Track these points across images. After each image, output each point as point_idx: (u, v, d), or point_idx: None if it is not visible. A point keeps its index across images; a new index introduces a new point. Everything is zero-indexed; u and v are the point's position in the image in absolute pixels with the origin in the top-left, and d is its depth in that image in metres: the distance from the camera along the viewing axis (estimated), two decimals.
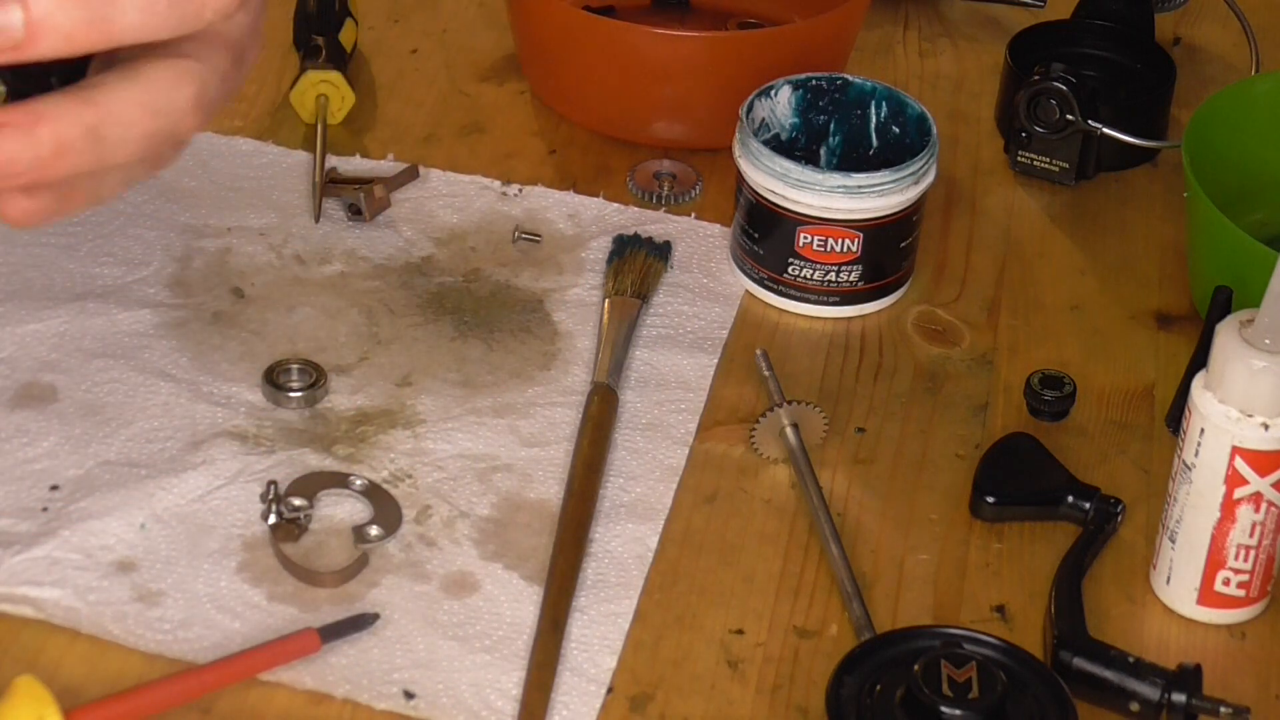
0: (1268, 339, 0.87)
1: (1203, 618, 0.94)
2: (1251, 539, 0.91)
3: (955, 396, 1.06)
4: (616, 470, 1.00)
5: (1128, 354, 1.10)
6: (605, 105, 1.22)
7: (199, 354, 1.04)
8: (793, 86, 1.15)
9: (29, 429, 0.99)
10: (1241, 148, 1.15)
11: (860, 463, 1.02)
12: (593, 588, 0.93)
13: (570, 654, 0.90)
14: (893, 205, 1.09)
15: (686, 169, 1.21)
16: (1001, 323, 1.12)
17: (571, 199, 1.18)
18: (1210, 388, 0.89)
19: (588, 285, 1.11)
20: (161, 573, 0.92)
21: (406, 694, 0.87)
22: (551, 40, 1.23)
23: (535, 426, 1.02)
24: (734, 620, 0.93)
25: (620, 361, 1.05)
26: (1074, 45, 1.28)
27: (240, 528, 0.94)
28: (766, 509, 0.99)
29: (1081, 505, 0.98)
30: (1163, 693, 0.87)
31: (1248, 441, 0.89)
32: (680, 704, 0.89)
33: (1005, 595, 0.95)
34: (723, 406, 1.05)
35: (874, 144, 1.16)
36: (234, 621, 0.90)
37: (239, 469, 0.97)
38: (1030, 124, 1.21)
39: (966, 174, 1.23)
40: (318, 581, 0.92)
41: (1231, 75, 1.33)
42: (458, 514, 0.96)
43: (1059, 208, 1.21)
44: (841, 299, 1.11)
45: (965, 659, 0.84)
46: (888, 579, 0.95)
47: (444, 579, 0.93)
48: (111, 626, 0.89)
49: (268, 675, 0.87)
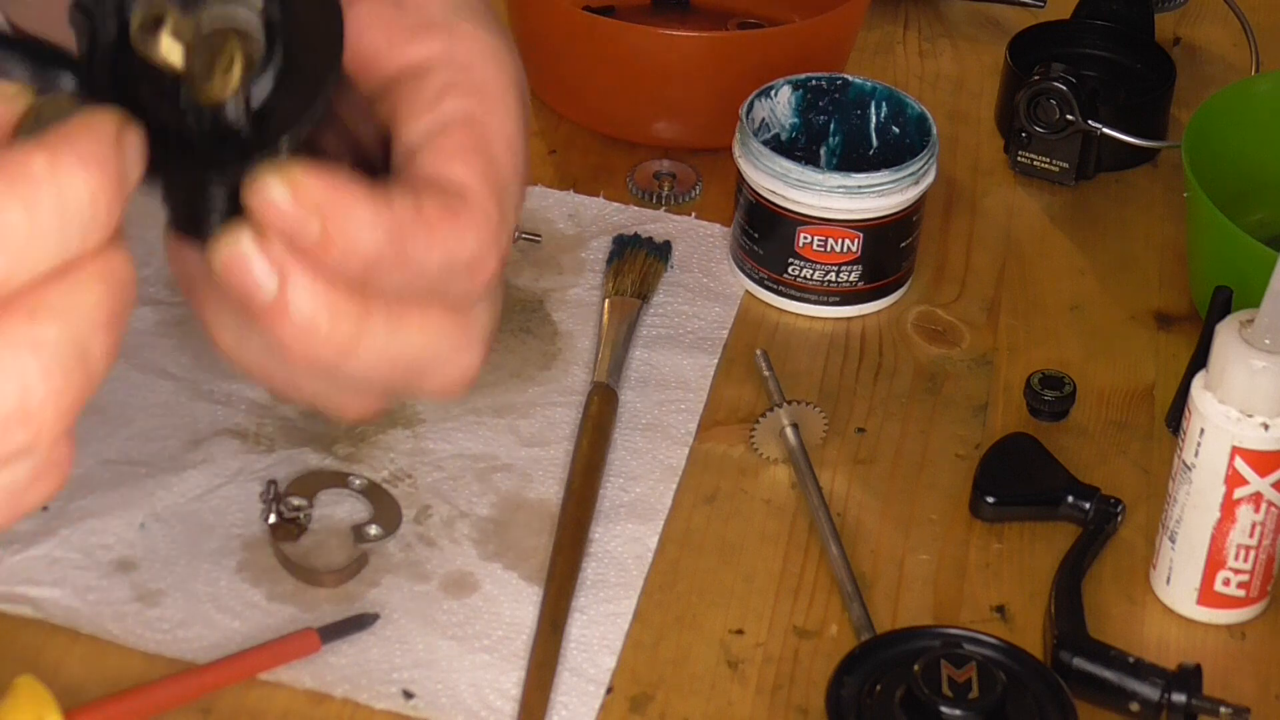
0: (1268, 339, 0.87)
1: (1203, 618, 0.94)
2: (1251, 539, 0.91)
3: (955, 396, 1.06)
4: (616, 470, 0.99)
5: (1128, 354, 1.10)
6: (605, 105, 1.22)
7: (199, 352, 1.04)
8: (793, 86, 1.15)
9: None
10: (1241, 148, 1.15)
11: (860, 463, 1.02)
12: (592, 588, 0.93)
13: (570, 654, 0.90)
14: (893, 205, 1.09)
15: (686, 169, 1.21)
16: (1001, 323, 1.12)
17: (571, 199, 1.18)
18: (1210, 388, 0.89)
19: (588, 285, 1.11)
20: (161, 572, 0.92)
21: (406, 694, 0.87)
22: (551, 40, 1.23)
23: (535, 426, 1.02)
24: (734, 620, 0.93)
25: (620, 361, 1.05)
26: (1074, 45, 1.28)
27: (240, 527, 0.94)
28: (766, 509, 0.99)
29: (1081, 505, 0.98)
30: (1163, 693, 0.87)
31: (1248, 441, 0.89)
32: (680, 704, 0.89)
33: (1005, 595, 0.95)
34: (723, 406, 1.04)
35: (874, 144, 1.16)
36: (234, 621, 0.90)
37: (239, 468, 0.97)
38: (1030, 124, 1.21)
39: (966, 174, 1.23)
40: (317, 581, 0.92)
41: (1231, 75, 1.33)
42: (457, 514, 0.96)
43: (1059, 208, 1.21)
44: (841, 299, 1.11)
45: (965, 659, 0.84)
46: (888, 579, 0.95)
47: (443, 579, 0.93)
48: (111, 626, 0.89)
49: (268, 675, 0.87)
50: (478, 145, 0.62)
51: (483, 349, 0.64)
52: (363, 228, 0.57)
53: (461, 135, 0.62)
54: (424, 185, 0.61)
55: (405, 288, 0.60)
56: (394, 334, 0.60)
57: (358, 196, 0.57)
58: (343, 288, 0.58)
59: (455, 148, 0.62)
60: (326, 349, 0.59)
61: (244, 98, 0.55)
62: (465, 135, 0.62)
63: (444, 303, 0.62)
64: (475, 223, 0.61)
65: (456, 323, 0.62)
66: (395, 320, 0.60)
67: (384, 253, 0.58)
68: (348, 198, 0.56)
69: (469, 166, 0.62)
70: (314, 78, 0.55)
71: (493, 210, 0.61)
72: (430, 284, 0.60)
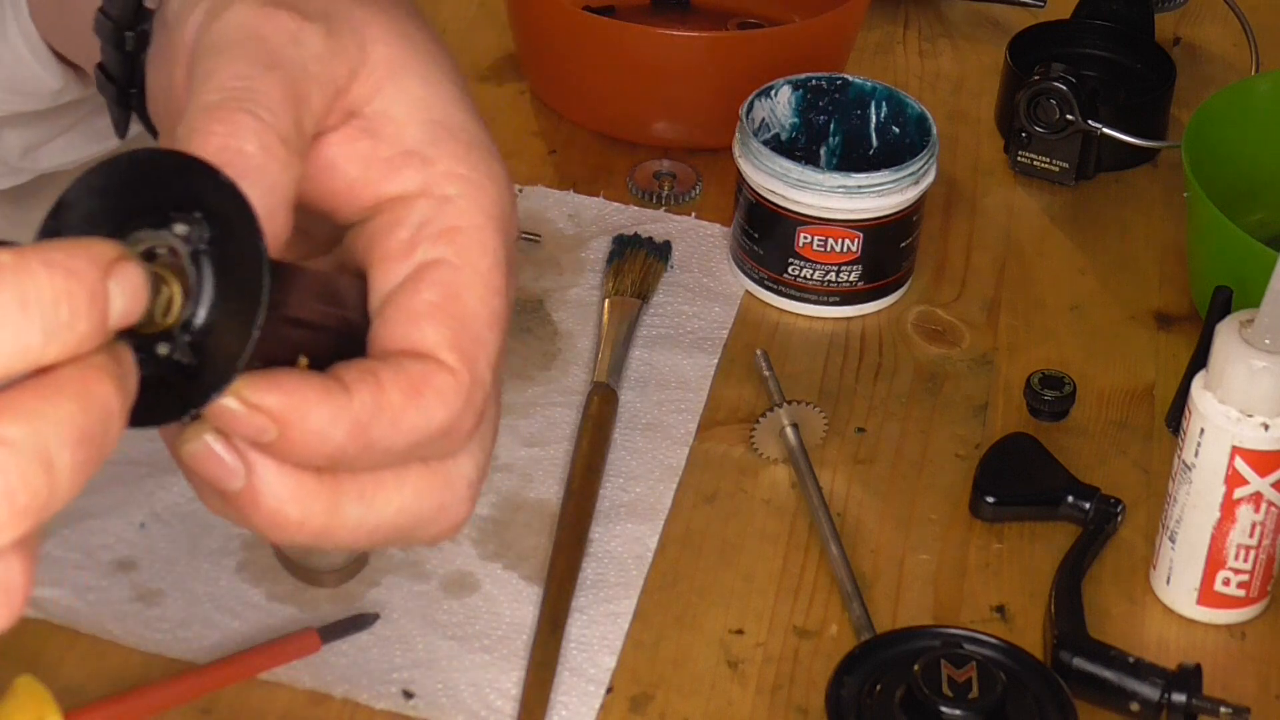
0: (1268, 339, 0.87)
1: (1203, 618, 0.94)
2: (1251, 539, 0.91)
3: (955, 396, 1.06)
4: (616, 470, 0.99)
5: (1128, 354, 1.10)
6: (605, 105, 1.22)
7: None
8: (793, 86, 1.15)
9: None
10: (1241, 148, 1.15)
11: (860, 463, 1.02)
12: (592, 588, 0.93)
13: (570, 654, 0.90)
14: (893, 205, 1.09)
15: (686, 169, 1.21)
16: (1001, 323, 1.12)
17: (571, 199, 1.18)
18: (1210, 388, 0.89)
19: (588, 285, 1.11)
20: (161, 572, 0.92)
21: (406, 694, 0.87)
22: (551, 40, 1.23)
23: (535, 426, 1.02)
24: (734, 620, 0.93)
25: (620, 361, 1.05)
26: (1074, 45, 1.28)
27: (240, 527, 0.94)
28: (766, 509, 0.99)
29: (1081, 505, 0.98)
30: (1163, 693, 0.87)
31: (1248, 441, 0.89)
32: (680, 704, 0.89)
33: (1005, 595, 0.95)
34: (723, 406, 1.04)
35: (874, 144, 1.16)
36: (234, 621, 0.90)
37: None
38: (1030, 124, 1.21)
39: (966, 174, 1.23)
40: (318, 581, 0.92)
41: (1231, 75, 1.33)
42: None
43: (1059, 208, 1.21)
44: (841, 299, 1.11)
45: (965, 659, 0.84)
46: (888, 579, 0.95)
47: (443, 578, 0.93)
48: (111, 626, 0.89)
49: (268, 675, 0.87)
50: (448, 302, 0.61)
51: (471, 498, 0.63)
52: (322, 427, 0.57)
53: (431, 292, 0.61)
54: (389, 360, 0.60)
55: (377, 464, 0.59)
56: (370, 508, 0.60)
57: (313, 399, 0.56)
58: (311, 473, 0.58)
59: (424, 308, 0.61)
60: (303, 534, 0.59)
61: (185, 330, 0.54)
62: (435, 292, 0.61)
63: (421, 463, 0.61)
64: (443, 395, 0.60)
65: (437, 480, 0.61)
66: (370, 494, 0.59)
67: (348, 445, 0.57)
68: (302, 403, 0.56)
69: (439, 328, 0.60)
70: (249, 291, 0.54)
71: (464, 373, 0.60)
72: (403, 456, 0.60)
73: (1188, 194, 1.09)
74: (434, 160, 0.63)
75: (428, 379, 0.59)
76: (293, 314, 0.58)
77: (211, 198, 0.54)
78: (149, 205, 0.54)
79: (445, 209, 0.62)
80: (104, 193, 0.55)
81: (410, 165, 0.63)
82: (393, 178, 0.62)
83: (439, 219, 0.62)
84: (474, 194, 0.63)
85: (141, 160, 0.55)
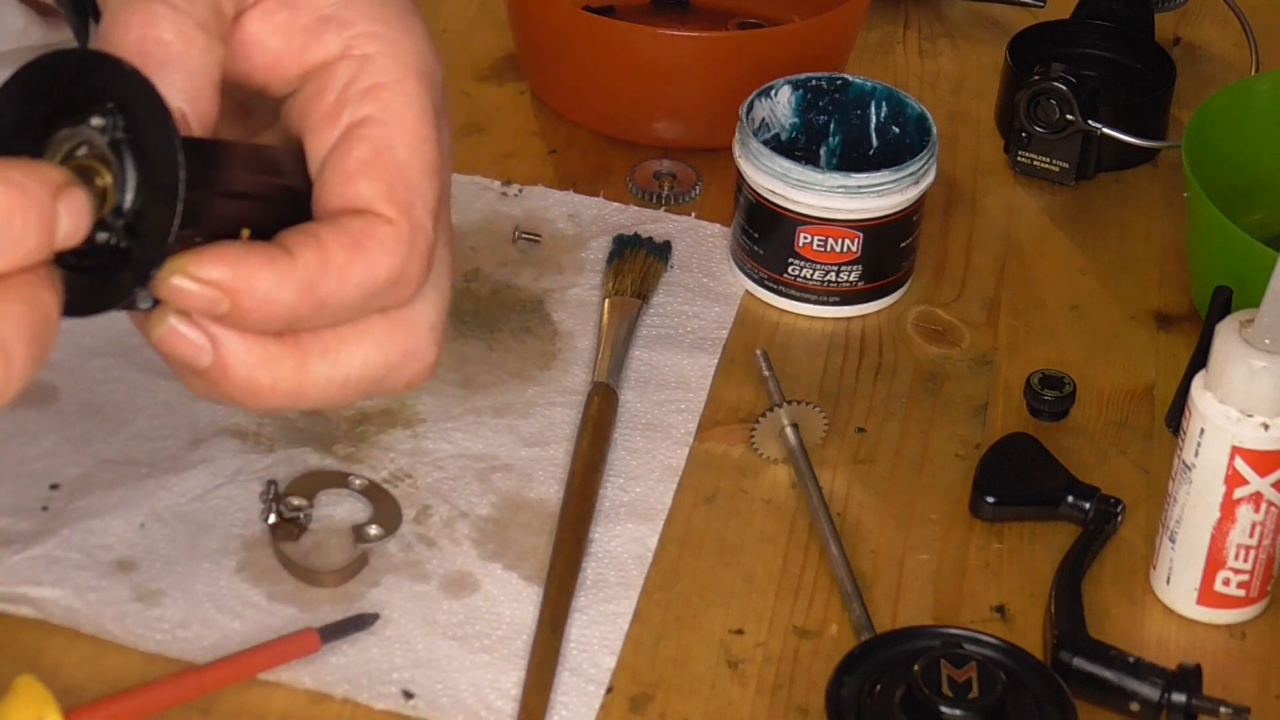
0: (1268, 339, 0.87)
1: (1203, 618, 0.94)
2: (1251, 539, 0.91)
3: (955, 396, 1.06)
4: (616, 470, 0.99)
5: (1128, 354, 1.10)
6: (605, 105, 1.22)
7: None
8: (793, 86, 1.15)
9: (29, 428, 0.99)
10: (1241, 148, 1.15)
11: (860, 463, 1.02)
12: (592, 587, 0.93)
13: (570, 654, 0.90)
14: (893, 205, 1.09)
15: (686, 169, 1.21)
16: (1001, 323, 1.12)
17: (571, 199, 1.18)
18: (1210, 388, 0.89)
19: (588, 285, 1.11)
20: (161, 572, 0.92)
21: (406, 694, 0.87)
22: (551, 40, 1.23)
23: (535, 426, 1.02)
24: (734, 620, 0.93)
25: (620, 361, 1.05)
26: (1074, 45, 1.28)
27: (240, 527, 0.94)
28: (766, 509, 0.99)
29: (1081, 505, 0.98)
30: (1163, 693, 0.87)
31: (1248, 441, 0.89)
32: (680, 704, 0.89)
33: (1005, 595, 0.95)
34: (723, 406, 1.04)
35: (874, 144, 1.16)
36: (234, 621, 0.90)
37: (239, 467, 0.97)
38: (1030, 124, 1.21)
39: (966, 174, 1.23)
40: (318, 581, 0.92)
41: (1231, 75, 1.33)
42: (457, 514, 0.96)
43: (1059, 208, 1.21)
44: (841, 299, 1.11)
45: (965, 659, 0.84)
46: (888, 579, 0.95)
47: (443, 579, 0.93)
48: (111, 626, 0.89)
49: (268, 675, 0.87)
50: (379, 156, 0.63)
51: (435, 341, 0.66)
52: (270, 291, 0.59)
53: (362, 149, 0.63)
54: (329, 220, 0.62)
55: (333, 320, 0.62)
56: (336, 363, 0.62)
57: (256, 266, 0.59)
58: (274, 338, 0.61)
59: (356, 165, 0.63)
60: (276, 398, 0.61)
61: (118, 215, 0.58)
62: (365, 148, 0.63)
63: (381, 314, 0.63)
64: (385, 245, 0.62)
65: (398, 328, 0.64)
66: (335, 350, 0.62)
67: (299, 306, 0.60)
68: (247, 272, 0.59)
69: (373, 182, 0.63)
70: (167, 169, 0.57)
71: (403, 222, 0.63)
72: (358, 309, 0.62)
73: (1188, 194, 1.09)
74: (350, 22, 0.65)
75: (368, 232, 0.62)
76: (229, 188, 0.61)
77: (121, 88, 0.57)
78: (68, 105, 0.57)
79: (366, 68, 0.64)
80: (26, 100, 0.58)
81: (328, 30, 0.65)
82: (313, 45, 0.65)
83: (362, 78, 0.64)
84: (392, 50, 0.65)
85: (53, 63, 0.58)
